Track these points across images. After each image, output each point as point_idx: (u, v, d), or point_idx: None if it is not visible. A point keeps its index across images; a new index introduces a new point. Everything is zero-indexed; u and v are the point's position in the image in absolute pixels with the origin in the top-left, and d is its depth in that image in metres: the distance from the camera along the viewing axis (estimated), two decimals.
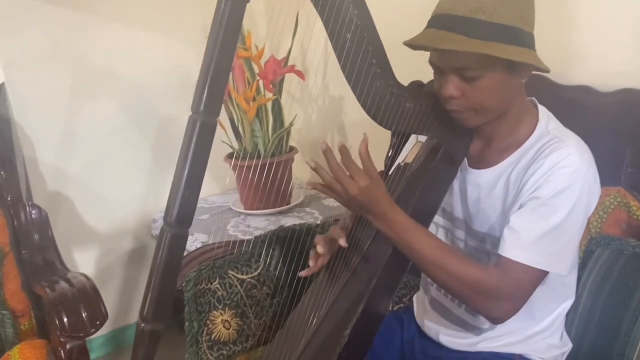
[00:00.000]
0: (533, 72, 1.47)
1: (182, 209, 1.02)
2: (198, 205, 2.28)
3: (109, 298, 2.36)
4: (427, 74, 1.21)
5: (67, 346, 1.48)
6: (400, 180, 1.25)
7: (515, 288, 1.10)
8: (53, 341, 1.60)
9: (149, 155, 2.32)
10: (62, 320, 1.47)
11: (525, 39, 1.09)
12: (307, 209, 2.20)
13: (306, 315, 1.22)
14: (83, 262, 2.27)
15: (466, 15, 1.06)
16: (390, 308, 1.59)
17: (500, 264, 1.10)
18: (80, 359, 1.49)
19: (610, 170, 1.36)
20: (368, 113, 1.16)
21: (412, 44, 1.14)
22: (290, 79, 2.19)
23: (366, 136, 1.10)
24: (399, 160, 1.34)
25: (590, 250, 1.33)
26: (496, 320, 1.15)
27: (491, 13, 1.05)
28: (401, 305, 1.60)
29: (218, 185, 2.50)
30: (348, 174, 1.07)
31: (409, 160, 1.28)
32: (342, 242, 1.21)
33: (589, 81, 1.46)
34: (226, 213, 2.23)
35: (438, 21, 1.10)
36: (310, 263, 1.29)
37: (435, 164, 1.23)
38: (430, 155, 1.24)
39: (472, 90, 1.11)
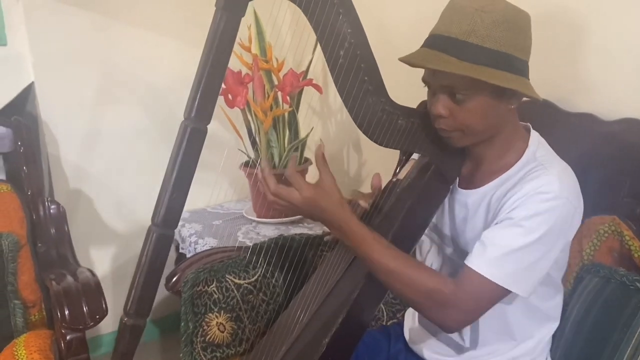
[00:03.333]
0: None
1: (169, 210, 1.06)
2: (213, 211, 2.36)
3: (122, 295, 2.40)
4: (421, 92, 1.23)
5: (67, 337, 1.53)
6: (390, 196, 1.27)
7: (470, 299, 1.11)
8: (57, 332, 1.66)
9: (168, 159, 2.38)
10: (64, 312, 1.53)
11: (516, 66, 1.11)
12: None
13: (290, 322, 1.25)
14: (99, 259, 2.34)
15: (459, 38, 1.09)
16: (384, 322, 1.61)
17: (462, 273, 1.12)
18: (79, 350, 1.54)
19: (607, 199, 1.36)
20: (360, 128, 1.19)
21: (406, 61, 1.16)
22: (313, 92, 2.23)
23: (322, 142, 1.14)
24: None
25: (581, 277, 1.33)
26: (448, 329, 1.17)
27: (483, 37, 1.08)
28: (395, 320, 1.61)
29: (235, 192, 2.55)
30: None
31: (401, 177, 1.30)
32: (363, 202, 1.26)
33: (593, 109, 1.46)
34: (239, 220, 2.27)
35: (432, 41, 1.13)
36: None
37: (425, 181, 1.25)
38: (421, 173, 1.26)
39: (460, 110, 1.13)
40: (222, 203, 2.49)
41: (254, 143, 2.22)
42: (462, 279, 1.12)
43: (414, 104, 1.55)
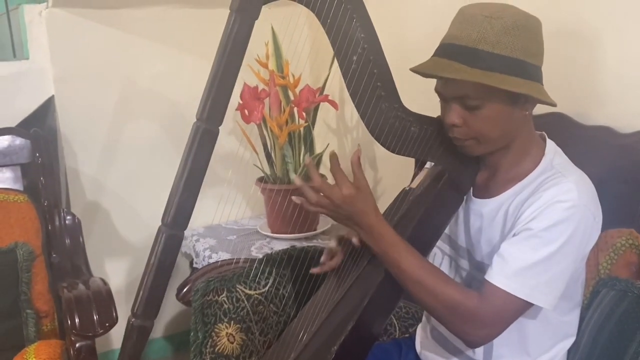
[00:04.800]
0: (554, 110, 1.48)
1: (179, 211, 1.06)
2: (228, 227, 2.36)
3: None
4: (436, 101, 1.23)
5: (77, 345, 1.53)
6: (402, 205, 1.26)
7: (494, 314, 1.09)
8: (67, 342, 1.66)
9: None
10: (74, 319, 1.53)
11: (528, 71, 1.10)
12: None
13: (299, 330, 1.24)
14: (113, 271, 2.34)
15: (469, 45, 1.09)
16: (396, 337, 1.58)
17: (484, 289, 1.11)
18: (88, 359, 1.53)
19: (624, 212, 1.34)
20: (372, 134, 1.19)
21: (417, 71, 1.16)
22: (329, 109, 2.24)
23: (360, 147, 1.14)
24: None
25: (597, 291, 1.30)
26: (471, 344, 1.15)
27: (494, 44, 1.07)
28: (407, 335, 1.58)
29: (251, 209, 2.55)
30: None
31: (414, 185, 1.29)
32: (356, 240, 1.23)
33: (610, 122, 1.45)
34: (253, 235, 2.27)
35: (443, 50, 1.14)
36: (322, 259, 1.33)
37: (438, 190, 1.24)
38: (433, 182, 1.25)
39: (474, 119, 1.12)
40: (237, 219, 2.48)
41: (269, 159, 2.22)
42: (484, 295, 1.10)
43: None
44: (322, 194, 1.13)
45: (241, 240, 2.22)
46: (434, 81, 1.20)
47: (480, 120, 1.12)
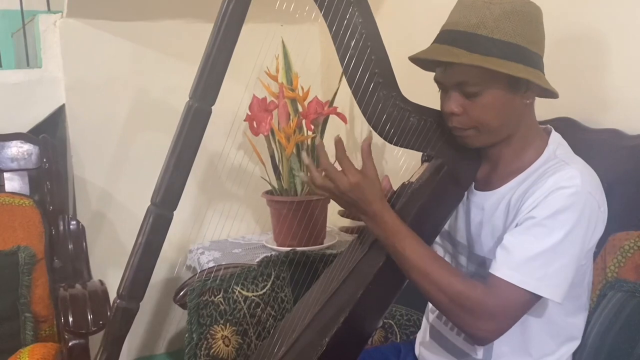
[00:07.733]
0: (561, 115, 1.45)
1: (169, 190, 1.05)
2: (234, 241, 2.33)
3: (138, 325, 2.38)
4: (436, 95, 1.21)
5: (70, 343, 1.50)
6: (400, 198, 1.23)
7: (500, 308, 1.04)
8: (63, 343, 1.63)
9: (194, 189, 2.38)
10: (68, 317, 1.51)
11: (529, 58, 1.08)
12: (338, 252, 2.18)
13: (292, 322, 1.20)
14: (117, 281, 2.31)
15: (468, 31, 1.07)
16: (397, 340, 1.53)
17: (489, 282, 1.06)
18: (81, 358, 1.50)
19: (633, 214, 1.29)
20: (369, 122, 1.17)
21: (415, 58, 1.15)
22: (338, 125, 2.23)
23: (370, 135, 1.12)
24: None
25: (604, 294, 1.25)
26: (479, 340, 1.10)
27: (492, 29, 1.06)
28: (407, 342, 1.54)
29: (258, 225, 2.52)
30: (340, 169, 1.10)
31: (413, 179, 1.26)
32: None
33: (618, 125, 1.41)
34: (258, 249, 2.24)
35: (442, 36, 1.12)
36: None
37: (437, 183, 1.20)
38: (433, 175, 1.22)
39: (473, 106, 1.10)
40: (244, 235, 2.46)
41: (276, 171, 2.20)
42: (490, 288, 1.05)
43: None
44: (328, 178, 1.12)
45: (246, 253, 2.19)
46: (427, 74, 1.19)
47: (479, 108, 1.10)
